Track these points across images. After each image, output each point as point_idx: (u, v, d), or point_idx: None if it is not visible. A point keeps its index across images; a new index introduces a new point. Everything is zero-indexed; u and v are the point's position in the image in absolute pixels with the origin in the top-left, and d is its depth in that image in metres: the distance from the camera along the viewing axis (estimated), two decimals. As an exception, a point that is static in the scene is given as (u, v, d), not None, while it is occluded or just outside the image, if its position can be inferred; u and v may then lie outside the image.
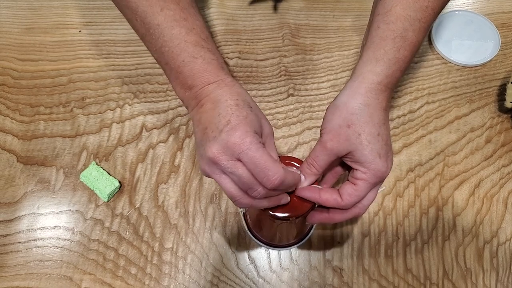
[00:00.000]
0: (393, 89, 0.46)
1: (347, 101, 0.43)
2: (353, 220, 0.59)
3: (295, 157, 0.46)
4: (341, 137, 0.42)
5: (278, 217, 0.44)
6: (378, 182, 0.43)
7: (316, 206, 0.45)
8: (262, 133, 0.42)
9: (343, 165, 0.47)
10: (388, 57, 0.44)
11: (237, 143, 0.38)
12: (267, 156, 0.39)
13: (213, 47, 0.46)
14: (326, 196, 0.43)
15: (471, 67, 0.71)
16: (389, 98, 0.45)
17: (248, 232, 0.58)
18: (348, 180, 0.44)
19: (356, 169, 0.43)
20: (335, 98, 0.45)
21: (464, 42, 0.73)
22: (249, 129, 0.39)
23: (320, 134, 0.44)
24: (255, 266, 0.57)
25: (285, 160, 0.45)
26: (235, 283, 0.56)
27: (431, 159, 0.64)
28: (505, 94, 0.66)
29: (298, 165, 0.45)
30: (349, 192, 0.43)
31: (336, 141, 0.42)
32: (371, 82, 0.43)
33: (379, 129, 0.42)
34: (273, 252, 0.57)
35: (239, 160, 0.39)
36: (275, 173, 0.38)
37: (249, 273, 0.56)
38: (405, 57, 0.44)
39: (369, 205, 0.44)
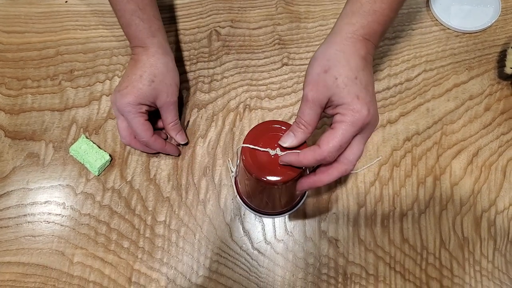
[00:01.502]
0: (374, 42, 0.46)
1: (324, 51, 0.44)
2: (348, 190, 0.58)
3: (283, 121, 0.46)
4: (320, 85, 0.42)
5: (264, 181, 0.43)
6: (359, 127, 0.42)
7: (304, 173, 0.45)
8: (157, 103, 0.55)
9: None
10: (364, 9, 0.45)
11: (121, 107, 0.52)
12: (137, 123, 0.53)
13: (149, 16, 0.55)
14: (305, 152, 0.42)
15: (471, 33, 0.69)
16: (369, 49, 0.45)
17: (239, 198, 0.57)
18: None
19: (336, 114, 0.43)
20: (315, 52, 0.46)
21: (463, 7, 0.70)
22: (135, 100, 0.52)
23: (303, 90, 0.44)
24: (249, 238, 0.56)
25: (272, 124, 0.46)
26: (229, 255, 0.55)
27: (429, 128, 0.62)
28: (505, 60, 0.64)
29: (285, 128, 0.45)
30: (327, 137, 0.42)
31: (315, 90, 0.42)
32: (346, 32, 0.44)
33: (356, 73, 0.42)
34: (268, 224, 0.56)
35: (123, 116, 0.53)
36: (141, 137, 0.54)
37: (244, 245, 0.56)
38: (382, 9, 0.45)
39: (356, 161, 0.43)
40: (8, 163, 0.59)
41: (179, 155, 0.59)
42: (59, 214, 0.56)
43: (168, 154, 0.59)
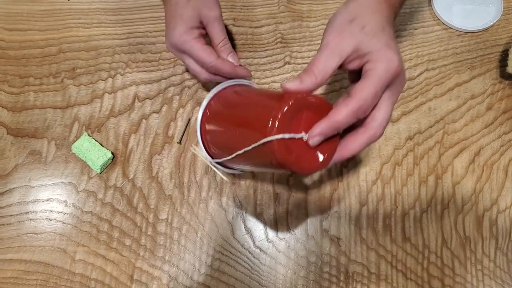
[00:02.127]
0: (395, 9, 0.44)
1: (346, 6, 0.42)
2: (350, 189, 0.58)
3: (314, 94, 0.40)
4: (345, 33, 0.40)
5: (306, 170, 0.39)
6: (392, 76, 0.38)
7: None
8: (202, 21, 0.52)
9: None
10: None
11: (177, 42, 0.51)
12: (199, 49, 0.50)
13: None
14: (336, 109, 0.38)
15: (473, 32, 0.69)
16: (391, 14, 0.43)
17: (201, 142, 0.50)
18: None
19: (365, 63, 0.39)
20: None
21: (465, 7, 0.70)
22: (184, 26, 0.50)
23: (320, 46, 0.41)
24: (251, 236, 0.56)
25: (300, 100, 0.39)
26: (231, 253, 0.55)
27: (431, 127, 0.62)
28: (507, 60, 0.64)
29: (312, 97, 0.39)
30: (359, 85, 0.38)
31: (339, 37, 0.39)
32: None
33: (383, 25, 0.40)
34: (270, 222, 0.56)
35: (184, 52, 0.51)
36: (208, 61, 0.50)
37: (245, 243, 0.56)
38: None
39: (385, 124, 0.40)
40: (10, 160, 0.59)
41: (250, 77, 0.56)
42: (61, 212, 0.57)
43: (239, 84, 0.53)
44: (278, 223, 0.57)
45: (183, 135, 0.60)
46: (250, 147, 0.39)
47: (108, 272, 0.54)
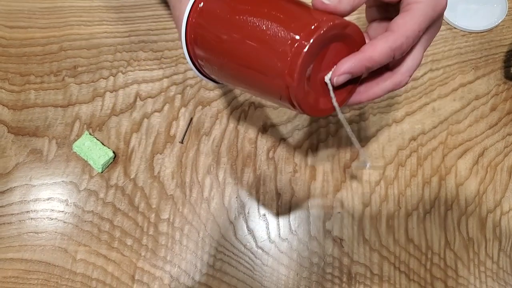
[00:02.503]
0: None
1: None
2: (353, 190, 0.58)
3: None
4: None
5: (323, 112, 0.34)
6: (437, 14, 0.34)
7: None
8: None
9: None
10: None
11: None
12: None
13: None
14: (374, 43, 0.32)
15: (477, 32, 0.68)
16: None
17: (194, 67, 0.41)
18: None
19: None
20: None
21: (470, 7, 0.70)
22: None
23: None
24: (253, 236, 0.56)
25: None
26: (233, 253, 0.55)
27: (435, 127, 0.62)
28: (512, 60, 0.64)
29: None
30: (401, 18, 0.33)
31: None
32: None
33: None
34: (272, 223, 0.56)
35: None
36: None
37: (248, 244, 0.55)
38: None
39: (413, 70, 0.36)
40: (11, 159, 0.58)
41: None
42: (62, 211, 0.56)
43: None
44: (280, 224, 0.56)
45: (185, 134, 0.60)
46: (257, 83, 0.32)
47: (109, 272, 0.54)
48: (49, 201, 0.57)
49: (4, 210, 0.56)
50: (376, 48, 0.32)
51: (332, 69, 0.33)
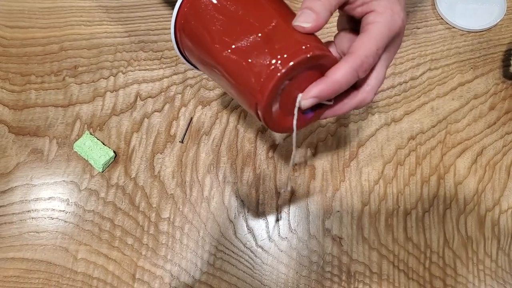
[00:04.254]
0: None
1: None
2: (353, 189, 0.58)
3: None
4: None
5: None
6: (394, 33, 0.35)
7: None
8: None
9: None
10: None
11: None
12: None
13: None
14: (336, 67, 0.34)
15: (476, 32, 0.69)
16: None
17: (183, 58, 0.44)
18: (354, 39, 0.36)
19: (368, 13, 0.35)
20: None
21: (468, 6, 0.70)
22: None
23: None
24: (253, 235, 0.56)
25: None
26: (233, 252, 0.55)
27: (433, 126, 0.62)
28: (510, 60, 0.64)
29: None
30: (360, 40, 0.34)
31: None
32: None
33: None
34: (272, 221, 0.56)
35: None
36: None
37: (247, 242, 0.56)
38: None
39: (377, 87, 0.37)
40: (12, 158, 0.59)
41: None
42: (63, 211, 0.56)
43: None
44: (280, 223, 0.57)
45: (185, 134, 0.60)
46: (233, 88, 0.34)
47: (110, 271, 0.54)
48: (50, 201, 0.57)
49: (5, 210, 0.56)
50: (340, 71, 0.33)
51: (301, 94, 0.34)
